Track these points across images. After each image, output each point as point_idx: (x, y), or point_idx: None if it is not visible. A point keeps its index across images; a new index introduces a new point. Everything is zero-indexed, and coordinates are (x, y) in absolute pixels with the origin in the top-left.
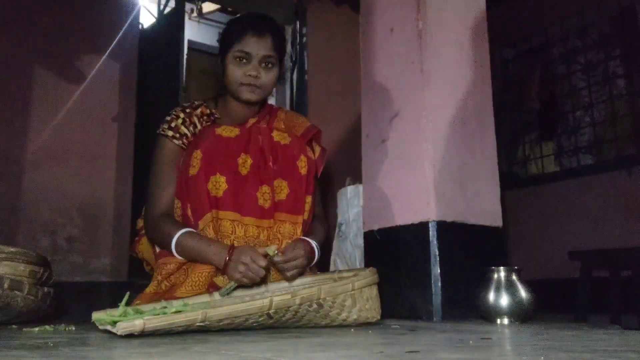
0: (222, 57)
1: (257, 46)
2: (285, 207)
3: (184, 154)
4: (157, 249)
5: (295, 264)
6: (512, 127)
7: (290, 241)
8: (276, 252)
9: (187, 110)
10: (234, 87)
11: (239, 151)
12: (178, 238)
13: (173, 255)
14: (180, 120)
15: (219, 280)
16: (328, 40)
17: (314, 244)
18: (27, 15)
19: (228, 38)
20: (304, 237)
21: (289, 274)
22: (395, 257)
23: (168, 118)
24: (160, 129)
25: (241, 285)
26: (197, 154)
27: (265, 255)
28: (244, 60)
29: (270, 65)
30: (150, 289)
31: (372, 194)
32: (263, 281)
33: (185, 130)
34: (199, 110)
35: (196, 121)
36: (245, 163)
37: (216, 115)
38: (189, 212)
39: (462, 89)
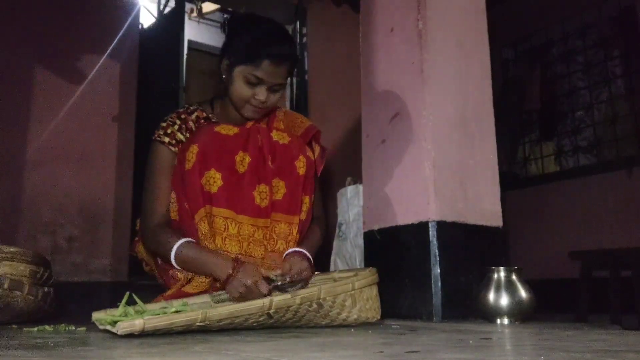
0: (229, 62)
1: (272, 75)
2: (281, 207)
3: (181, 150)
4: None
5: (301, 286)
6: (512, 127)
7: (284, 242)
8: (278, 278)
9: (182, 116)
10: (238, 102)
11: (237, 149)
12: (177, 249)
13: None
14: (176, 127)
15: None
16: (328, 40)
17: (309, 255)
18: (28, 15)
19: (240, 51)
20: (299, 250)
21: (290, 292)
22: (395, 257)
23: (164, 124)
24: (156, 135)
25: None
26: (194, 149)
27: (268, 278)
28: (256, 83)
29: (279, 88)
30: (171, 291)
31: (372, 194)
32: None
33: (182, 137)
34: (194, 115)
35: (192, 126)
36: (243, 161)
37: (214, 120)
38: (187, 206)
39: (462, 89)
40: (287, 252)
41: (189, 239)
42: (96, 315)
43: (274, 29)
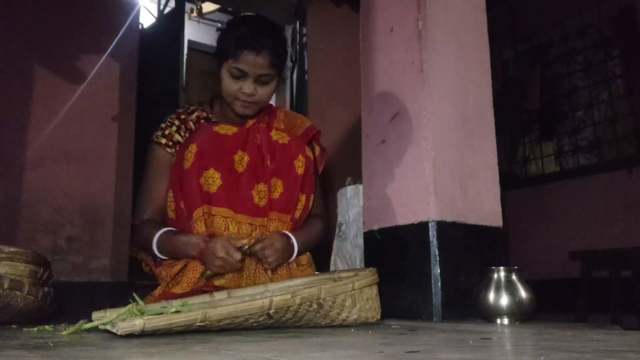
0: (217, 63)
1: (253, 65)
2: (278, 206)
3: (179, 149)
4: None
5: (274, 249)
6: (512, 127)
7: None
8: (247, 244)
9: (182, 117)
10: (228, 99)
11: (236, 148)
12: (158, 237)
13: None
14: (174, 128)
15: (199, 283)
16: (328, 40)
17: (293, 239)
18: (28, 15)
19: (224, 48)
20: (284, 231)
21: (267, 260)
22: (395, 257)
23: (162, 125)
24: (154, 136)
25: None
26: (192, 148)
27: (240, 248)
28: (239, 76)
29: (267, 80)
30: (158, 290)
31: (372, 194)
32: (240, 270)
33: (179, 138)
34: (194, 115)
35: (192, 126)
36: (242, 160)
37: (213, 119)
38: (183, 205)
39: (462, 89)
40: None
41: (169, 228)
42: (96, 315)
43: (254, 22)
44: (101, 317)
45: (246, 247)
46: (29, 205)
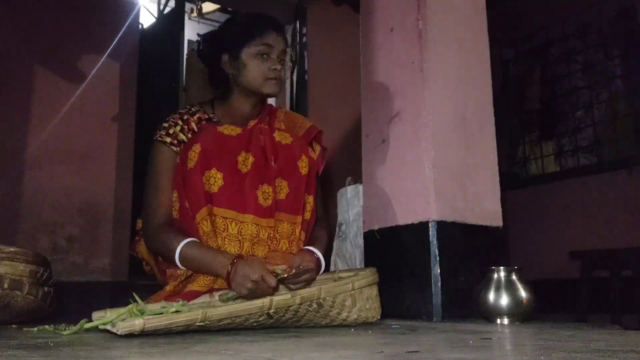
0: (230, 53)
1: (277, 41)
2: (284, 207)
3: (183, 149)
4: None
5: (305, 278)
6: (512, 127)
7: (287, 242)
8: (284, 272)
9: (185, 117)
10: (258, 82)
11: (240, 149)
12: (181, 249)
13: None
14: (178, 128)
15: (218, 283)
16: (328, 40)
17: (319, 255)
18: (28, 15)
19: (245, 33)
20: (310, 248)
21: (295, 287)
22: (395, 257)
23: (165, 124)
24: (158, 136)
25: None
26: (196, 148)
27: (275, 274)
28: (266, 55)
29: (283, 61)
30: (169, 287)
31: (372, 194)
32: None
33: (184, 137)
34: (196, 116)
35: (194, 127)
36: (246, 161)
37: (215, 120)
38: (187, 205)
39: (462, 89)
40: (300, 249)
41: (193, 239)
42: (96, 315)
43: (254, 12)
44: (101, 317)
45: (286, 274)
46: (29, 205)
